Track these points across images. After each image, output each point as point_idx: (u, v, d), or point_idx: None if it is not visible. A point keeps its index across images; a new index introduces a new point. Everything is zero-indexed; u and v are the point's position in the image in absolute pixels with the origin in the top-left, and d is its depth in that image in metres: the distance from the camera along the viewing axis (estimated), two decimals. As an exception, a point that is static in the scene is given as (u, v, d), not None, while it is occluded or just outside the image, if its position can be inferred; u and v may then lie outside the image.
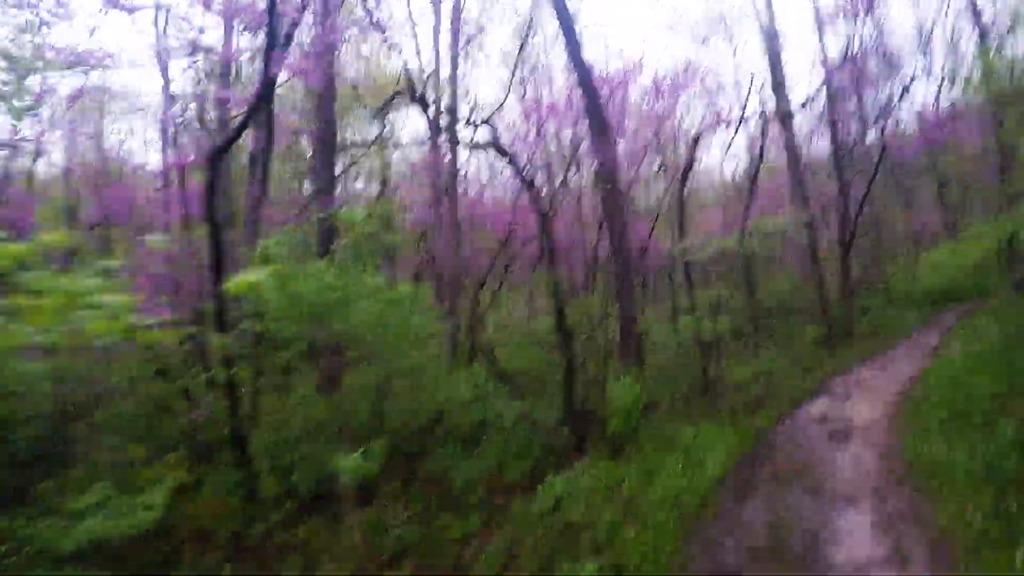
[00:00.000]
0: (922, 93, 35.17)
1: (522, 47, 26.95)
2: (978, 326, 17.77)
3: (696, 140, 17.60)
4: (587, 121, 11.84)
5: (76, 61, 10.87)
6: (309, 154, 22.42)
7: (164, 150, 17.31)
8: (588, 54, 21.38)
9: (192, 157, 15.96)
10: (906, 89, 21.86)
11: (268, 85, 12.68)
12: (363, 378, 10.19)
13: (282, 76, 13.31)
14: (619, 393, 8.94)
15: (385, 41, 11.92)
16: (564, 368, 9.76)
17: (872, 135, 27.86)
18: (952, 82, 25.77)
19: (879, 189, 25.53)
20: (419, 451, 9.74)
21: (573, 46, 11.24)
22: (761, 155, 19.00)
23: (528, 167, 14.68)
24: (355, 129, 27.23)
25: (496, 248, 14.63)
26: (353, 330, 8.22)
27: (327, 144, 16.50)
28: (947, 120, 26.07)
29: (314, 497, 8.44)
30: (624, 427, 8.96)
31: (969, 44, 24.50)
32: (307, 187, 18.17)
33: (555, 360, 11.01)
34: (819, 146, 30.47)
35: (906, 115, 31.26)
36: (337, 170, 27.79)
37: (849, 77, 20.43)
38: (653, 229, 15.82)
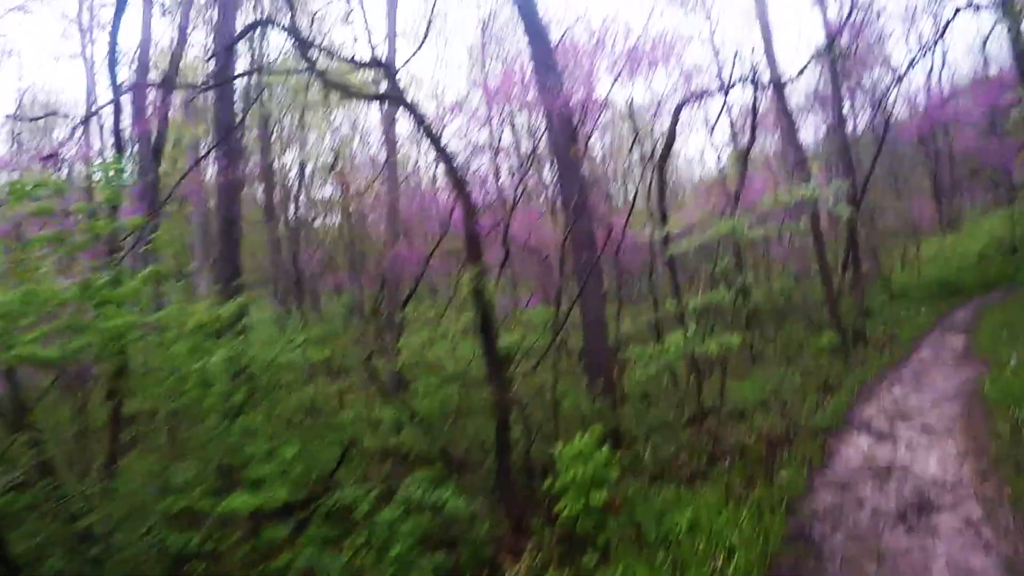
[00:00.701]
0: (914, 78, 32.00)
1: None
2: (1014, 324, 14.52)
3: (679, 111, 14.13)
4: (532, 60, 8.41)
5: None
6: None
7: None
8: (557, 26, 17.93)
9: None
10: (900, 76, 18.72)
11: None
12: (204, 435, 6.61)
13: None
14: (573, 459, 5.42)
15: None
16: (496, 415, 6.25)
17: (866, 118, 24.88)
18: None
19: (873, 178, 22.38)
20: (283, 543, 6.19)
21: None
22: (754, 129, 15.59)
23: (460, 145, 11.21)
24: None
25: (433, 248, 11.06)
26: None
27: (226, 123, 13.03)
28: (946, 100, 23.29)
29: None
30: (581, 512, 5.45)
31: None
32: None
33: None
34: (809, 130, 27.53)
35: (902, 99, 28.62)
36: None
37: (850, 40, 17.17)
38: (630, 216, 12.30)
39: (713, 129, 19.86)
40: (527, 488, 6.40)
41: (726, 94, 16.88)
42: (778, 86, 16.76)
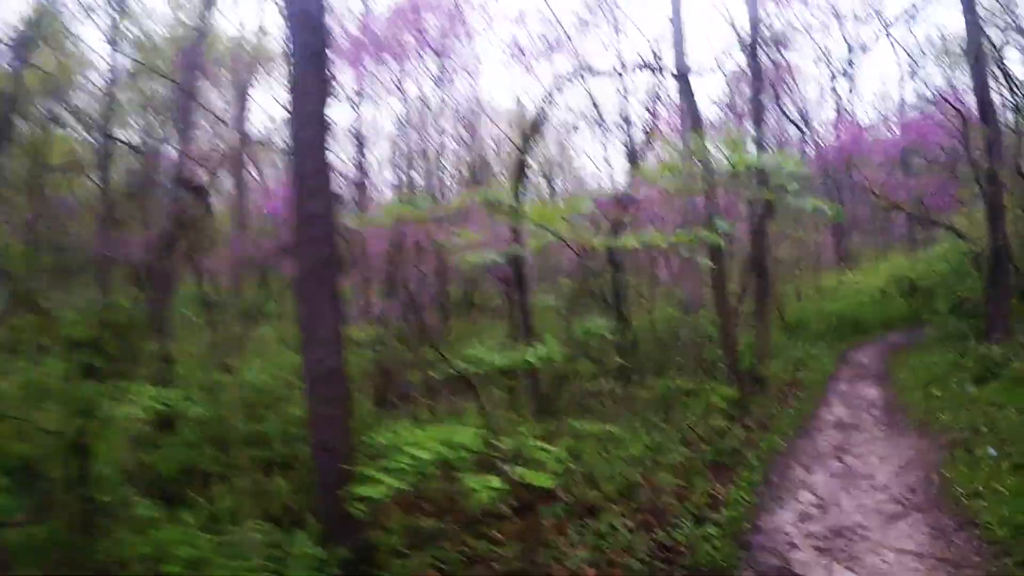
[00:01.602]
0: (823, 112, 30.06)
1: None
2: (940, 379, 11.45)
3: (552, 93, 10.27)
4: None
5: None
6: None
7: None
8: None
9: None
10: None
11: None
12: None
13: None
14: None
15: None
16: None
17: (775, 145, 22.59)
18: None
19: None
20: None
21: None
22: (654, 122, 11.97)
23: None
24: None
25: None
26: None
27: None
28: (856, 134, 21.35)
29: None
30: None
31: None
32: None
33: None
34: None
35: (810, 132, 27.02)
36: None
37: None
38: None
39: (605, 128, 16.24)
40: None
41: (621, 75, 13.25)
42: (685, 80, 13.24)
